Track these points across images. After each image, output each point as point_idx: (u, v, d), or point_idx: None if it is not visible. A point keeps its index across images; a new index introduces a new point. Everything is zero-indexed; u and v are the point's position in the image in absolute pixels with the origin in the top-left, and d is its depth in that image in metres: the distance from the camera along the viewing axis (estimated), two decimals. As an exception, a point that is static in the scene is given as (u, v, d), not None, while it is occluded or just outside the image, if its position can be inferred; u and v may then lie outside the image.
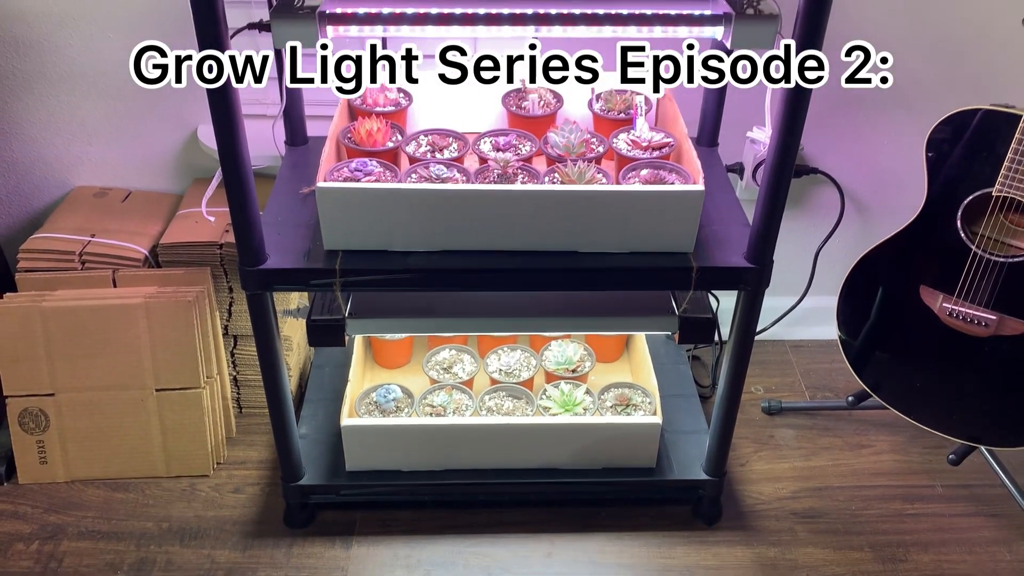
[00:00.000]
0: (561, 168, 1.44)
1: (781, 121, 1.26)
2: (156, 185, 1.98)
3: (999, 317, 1.59)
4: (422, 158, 1.49)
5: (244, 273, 1.38)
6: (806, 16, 1.16)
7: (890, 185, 2.01)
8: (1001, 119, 1.50)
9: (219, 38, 1.15)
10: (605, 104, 1.63)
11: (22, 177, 1.95)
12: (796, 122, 1.26)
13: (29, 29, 1.76)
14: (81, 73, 1.82)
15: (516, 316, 1.53)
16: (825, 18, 1.16)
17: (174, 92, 1.85)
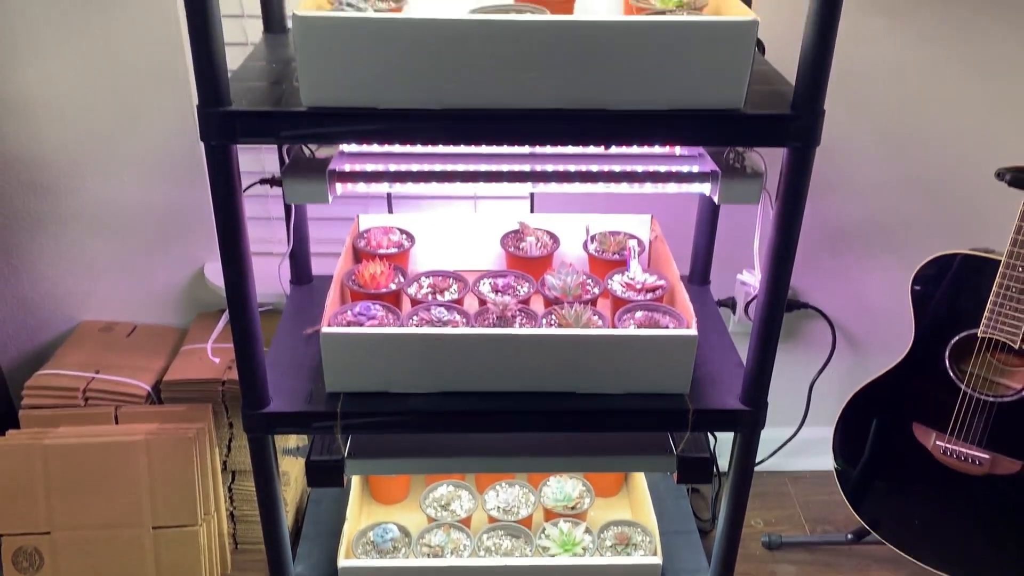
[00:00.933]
0: (558, 311, 1.48)
1: (770, 270, 1.31)
2: (161, 319, 2.02)
3: (992, 456, 1.61)
4: (423, 300, 1.53)
5: (247, 416, 1.40)
6: (790, 170, 1.23)
7: (880, 320, 2.06)
8: (981, 263, 1.56)
9: (233, 193, 1.21)
10: (600, 245, 1.69)
11: (30, 312, 1.99)
12: (784, 269, 1.31)
13: (46, 172, 1.84)
14: (94, 213, 1.89)
15: (514, 456, 1.54)
16: (807, 178, 1.22)
17: (183, 230, 1.92)
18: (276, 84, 1.26)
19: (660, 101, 1.16)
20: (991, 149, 1.83)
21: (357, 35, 1.11)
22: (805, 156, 1.21)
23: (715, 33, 1.12)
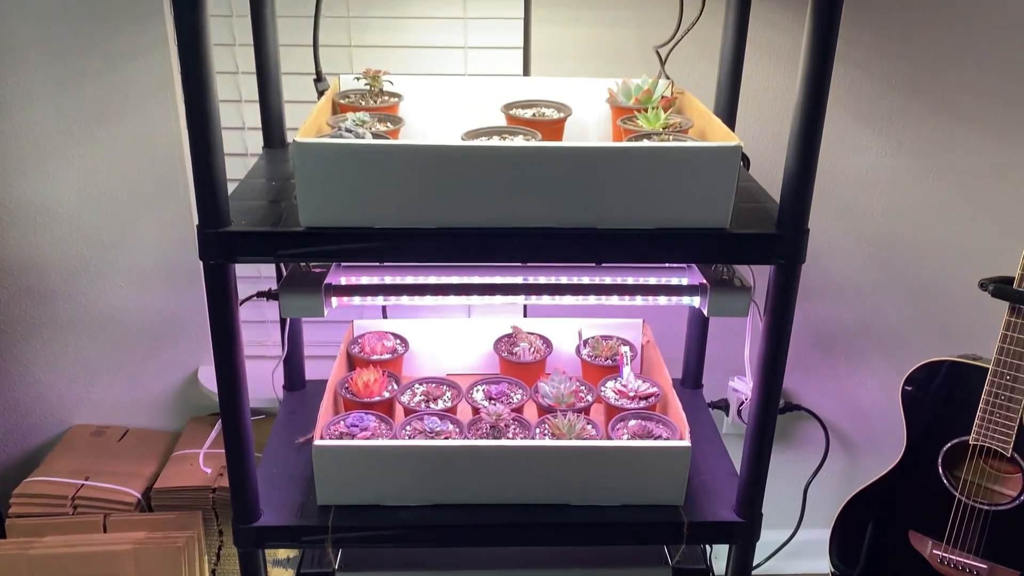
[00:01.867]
0: (551, 420, 1.48)
1: (760, 386, 1.32)
2: (153, 423, 2.02)
3: (990, 566, 1.59)
4: (417, 408, 1.54)
5: (237, 531, 1.39)
6: (777, 286, 1.25)
7: (874, 421, 2.06)
8: (970, 371, 1.57)
9: (230, 309, 1.23)
10: (592, 350, 1.71)
11: (21, 417, 1.98)
12: (775, 382, 1.32)
13: (45, 279, 1.86)
14: (90, 318, 1.90)
15: (508, 568, 1.52)
16: (794, 294, 1.25)
17: (178, 333, 1.93)
18: (275, 203, 1.29)
19: (649, 220, 1.20)
20: (975, 255, 1.87)
21: (354, 161, 1.14)
22: (791, 273, 1.24)
23: (701, 158, 1.16)
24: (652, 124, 1.35)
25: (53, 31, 1.67)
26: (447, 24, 1.75)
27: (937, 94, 1.77)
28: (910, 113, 1.79)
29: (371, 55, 1.75)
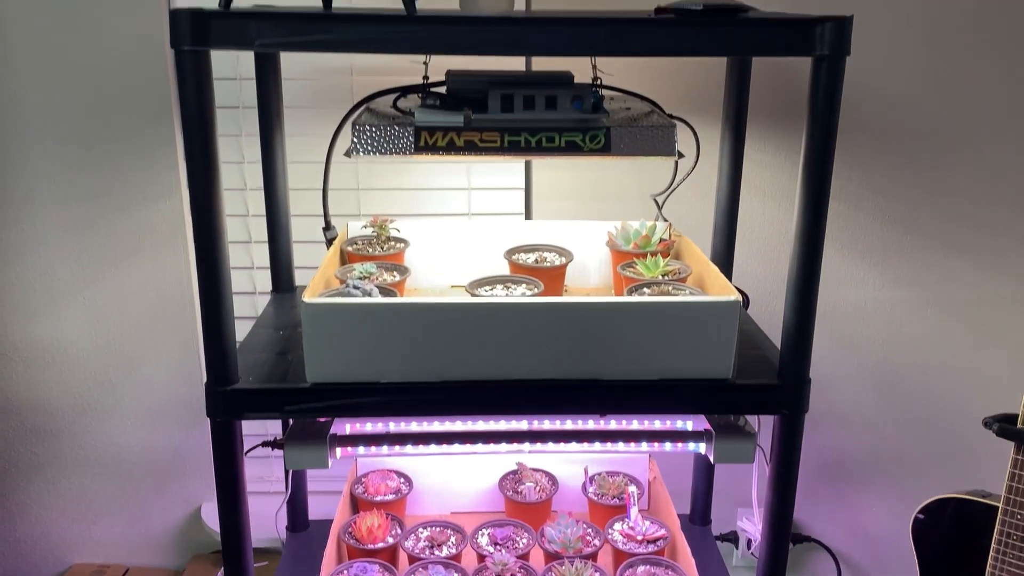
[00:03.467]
0: (558, 568, 1.46)
1: (768, 529, 1.31)
2: (155, 561, 1.98)
3: None
4: (421, 556, 1.52)
5: None
6: (781, 434, 1.26)
7: (885, 552, 2.02)
8: (979, 509, 1.56)
9: (235, 462, 1.23)
10: (599, 489, 1.69)
11: (22, 557, 1.95)
12: (783, 527, 1.31)
13: (51, 418, 1.87)
14: (94, 457, 1.90)
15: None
16: (798, 441, 1.25)
17: (181, 470, 1.92)
18: (282, 355, 1.31)
19: (652, 372, 1.21)
20: (979, 386, 1.88)
21: (360, 319, 1.17)
22: (795, 423, 1.24)
23: (701, 312, 1.19)
24: (651, 272, 1.38)
25: (70, 179, 1.73)
26: (452, 166, 1.81)
27: (929, 227, 1.81)
28: (904, 246, 1.82)
29: (378, 196, 1.81)
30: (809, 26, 1.07)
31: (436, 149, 1.20)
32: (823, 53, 1.08)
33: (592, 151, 1.21)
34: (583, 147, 1.21)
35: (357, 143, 1.21)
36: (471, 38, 1.07)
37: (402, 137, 1.21)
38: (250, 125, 1.70)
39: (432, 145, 1.20)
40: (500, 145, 1.20)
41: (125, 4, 1.64)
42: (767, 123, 1.77)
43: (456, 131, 1.20)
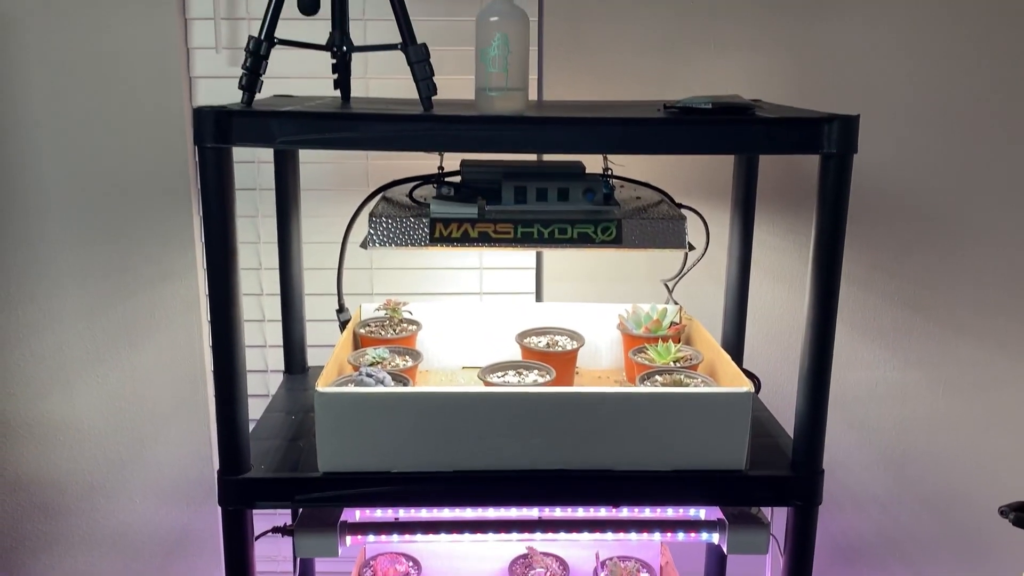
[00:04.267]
0: (569, 657, 1.44)
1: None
2: (158, 641, 1.96)
3: None
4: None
5: None
6: (795, 528, 1.25)
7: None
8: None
9: (246, 549, 1.22)
10: (610, 574, 1.67)
11: (24, 637, 1.93)
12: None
13: (60, 496, 1.86)
14: (103, 534, 1.88)
15: None
16: (812, 535, 1.24)
17: (190, 548, 1.91)
18: (294, 441, 1.32)
19: (665, 463, 1.21)
20: (993, 469, 1.86)
21: (373, 408, 1.18)
22: (808, 513, 1.23)
23: (713, 404, 1.19)
24: (663, 358, 1.39)
25: (87, 256, 1.75)
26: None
27: (939, 310, 1.82)
28: (915, 328, 1.83)
29: (391, 275, 1.82)
30: (817, 125, 1.10)
31: (451, 240, 1.22)
32: (831, 151, 1.10)
33: (604, 243, 1.22)
34: (595, 239, 1.23)
35: (373, 235, 1.24)
36: (487, 137, 1.10)
37: (417, 229, 1.23)
38: (267, 206, 1.73)
39: (447, 236, 1.22)
40: (513, 236, 1.22)
41: (147, 84, 1.69)
42: (776, 205, 1.79)
43: (470, 222, 1.22)
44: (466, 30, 1.56)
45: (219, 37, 1.68)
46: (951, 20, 1.71)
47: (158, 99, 1.70)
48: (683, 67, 1.72)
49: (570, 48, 1.71)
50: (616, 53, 1.71)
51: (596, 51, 1.71)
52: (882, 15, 1.71)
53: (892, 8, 1.70)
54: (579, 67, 1.71)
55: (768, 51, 1.72)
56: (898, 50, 1.72)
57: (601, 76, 1.71)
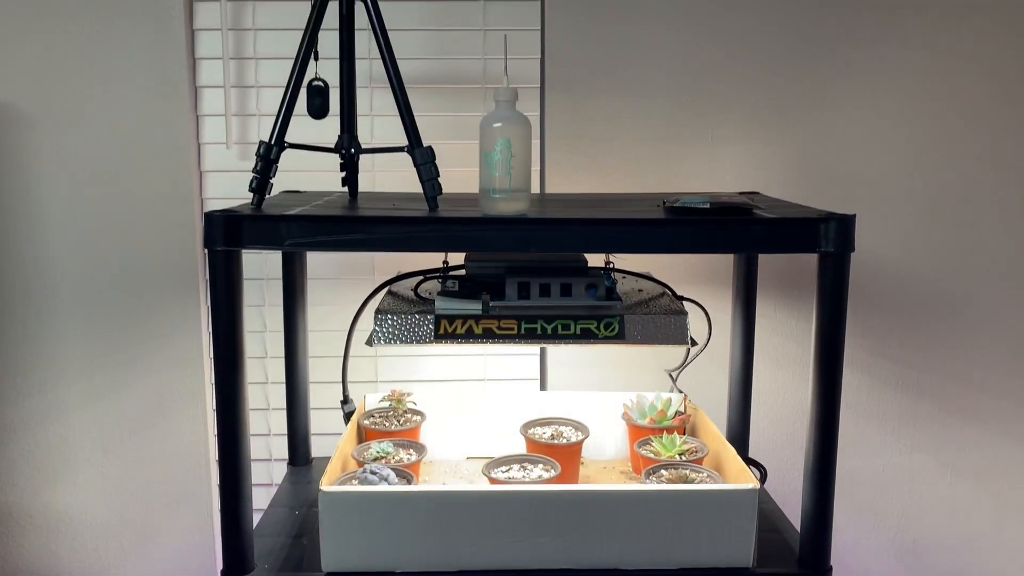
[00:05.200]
0: None
1: None
2: None
3: None
4: None
5: None
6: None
7: None
8: None
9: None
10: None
11: None
12: None
13: None
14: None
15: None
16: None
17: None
18: (297, 539, 1.31)
19: (672, 560, 1.20)
20: (1000, 556, 1.84)
21: (377, 508, 1.17)
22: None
23: (720, 501, 1.19)
24: (668, 451, 1.39)
25: (94, 345, 1.77)
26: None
27: (943, 394, 1.82)
28: (919, 413, 1.83)
29: (395, 362, 1.83)
30: (814, 225, 1.12)
31: (455, 337, 1.23)
32: (828, 250, 1.12)
33: (607, 339, 1.24)
34: (598, 335, 1.24)
35: (379, 332, 1.25)
36: (491, 238, 1.12)
37: (422, 325, 1.24)
38: (274, 295, 1.75)
39: (451, 333, 1.24)
40: (517, 332, 1.23)
41: (158, 177, 1.72)
42: (778, 290, 1.80)
43: (475, 319, 1.24)
44: (470, 124, 1.61)
45: (230, 133, 1.73)
46: (944, 107, 1.75)
47: (169, 192, 1.73)
48: (682, 158, 1.76)
49: (571, 141, 1.75)
50: (616, 144, 1.75)
51: (596, 143, 1.75)
52: (875, 106, 1.75)
53: (885, 99, 1.75)
54: (580, 159, 1.75)
55: (765, 143, 1.76)
56: (893, 138, 1.76)
57: (601, 167, 1.75)
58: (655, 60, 1.73)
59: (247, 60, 1.72)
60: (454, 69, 1.74)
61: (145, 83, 1.70)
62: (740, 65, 1.74)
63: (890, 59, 1.74)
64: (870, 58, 1.74)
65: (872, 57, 1.74)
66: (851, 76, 1.74)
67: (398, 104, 1.26)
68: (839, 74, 1.74)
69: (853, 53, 1.74)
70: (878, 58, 1.74)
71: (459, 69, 1.74)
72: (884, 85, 1.75)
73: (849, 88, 1.75)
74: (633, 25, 1.72)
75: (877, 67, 1.74)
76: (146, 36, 1.69)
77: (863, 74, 1.74)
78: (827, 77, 1.74)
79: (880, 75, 1.75)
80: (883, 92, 1.75)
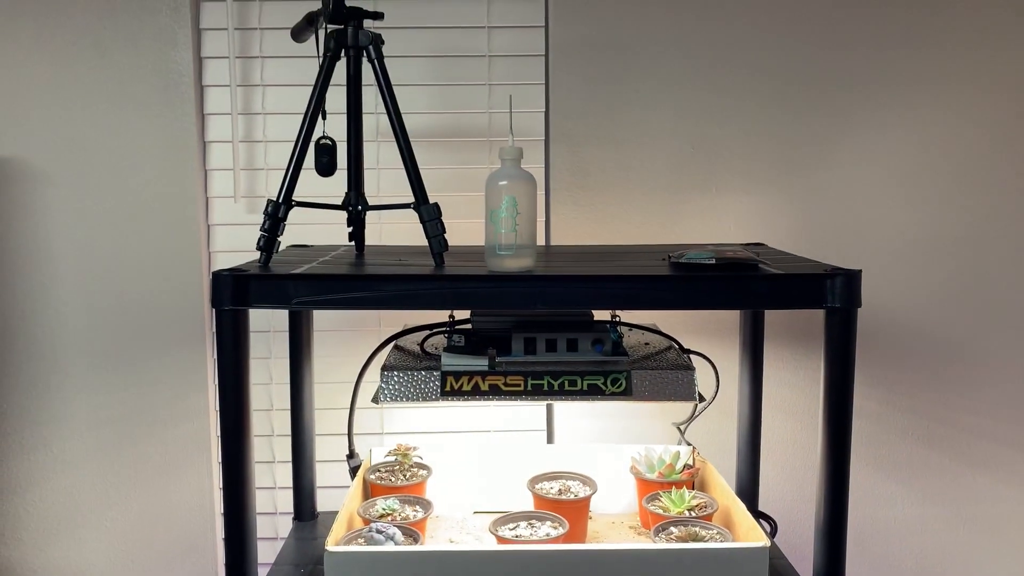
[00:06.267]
0: None
1: None
2: None
3: None
4: None
5: None
6: None
7: None
8: None
9: None
10: None
11: None
12: None
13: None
14: None
15: None
16: None
17: None
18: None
19: (681, 621, 1.18)
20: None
21: (383, 568, 1.16)
22: (833, 671, 1.19)
23: (729, 559, 1.17)
24: (677, 507, 1.37)
25: (100, 399, 1.77)
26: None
27: (953, 444, 1.81)
28: (931, 463, 1.81)
29: (401, 414, 1.82)
30: (820, 281, 1.12)
31: (461, 394, 1.23)
32: (834, 306, 1.12)
33: (614, 395, 1.23)
34: (605, 391, 1.24)
35: (385, 389, 1.25)
36: (498, 295, 1.12)
37: (428, 382, 1.24)
38: (280, 347, 1.75)
39: (458, 390, 1.23)
40: (524, 389, 1.23)
41: (166, 231, 1.74)
42: (785, 340, 1.80)
43: (481, 375, 1.24)
44: (476, 176, 1.63)
45: (237, 187, 1.74)
46: (950, 162, 1.76)
47: (177, 245, 1.74)
48: (685, 208, 1.76)
49: (575, 192, 1.76)
50: (619, 194, 1.76)
51: (600, 193, 1.76)
52: (877, 157, 1.76)
53: (886, 150, 1.76)
54: (584, 210, 1.76)
55: (768, 193, 1.77)
56: (896, 189, 1.77)
57: (605, 216, 1.76)
58: (657, 112, 1.75)
59: (255, 116, 1.74)
60: (460, 123, 1.76)
61: (154, 138, 1.72)
62: (742, 116, 1.75)
63: (891, 111, 1.75)
64: (872, 109, 1.75)
65: (874, 108, 1.75)
66: (853, 127, 1.76)
67: (405, 162, 1.27)
68: (841, 125, 1.76)
69: (855, 104, 1.75)
70: (880, 109, 1.75)
71: (464, 123, 1.76)
72: (885, 137, 1.76)
73: (851, 139, 1.76)
74: (635, 79, 1.74)
75: (879, 119, 1.76)
76: (156, 93, 1.71)
77: (865, 125, 1.76)
78: (829, 128, 1.76)
79: (881, 127, 1.76)
80: (885, 144, 1.76)
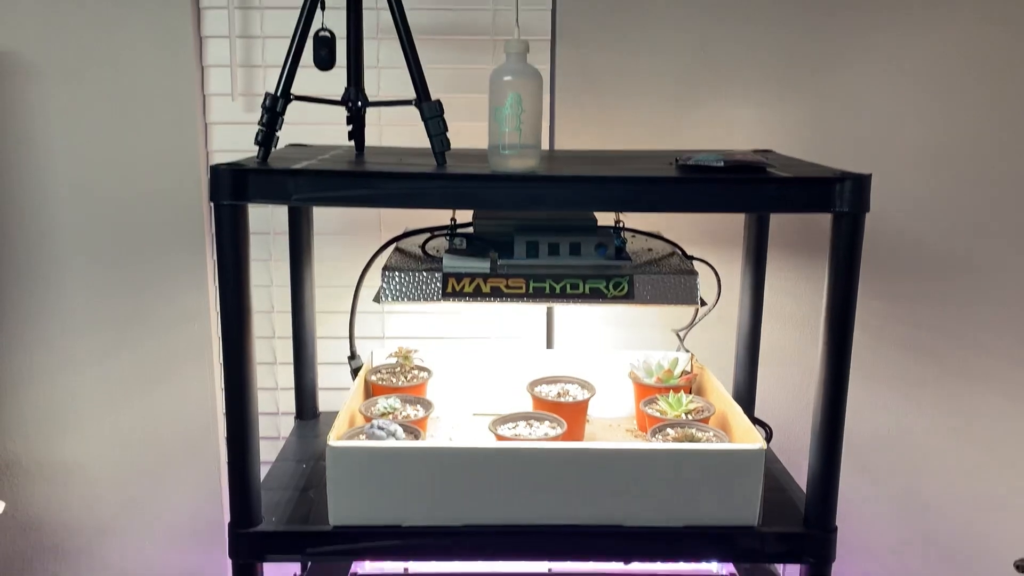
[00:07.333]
0: None
1: None
2: None
3: None
4: None
5: None
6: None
7: None
8: (1016, 655, 1.51)
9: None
10: (620, 622, 1.66)
11: None
12: None
13: (71, 538, 1.86)
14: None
15: None
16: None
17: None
18: (304, 492, 1.32)
19: (676, 519, 1.20)
20: (1007, 520, 1.84)
21: (384, 463, 1.18)
22: (822, 571, 1.22)
23: (725, 461, 1.19)
24: (675, 410, 1.39)
25: (101, 299, 1.77)
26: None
27: (953, 358, 1.81)
28: (928, 377, 1.82)
29: (402, 318, 1.83)
30: (828, 185, 1.10)
31: (463, 295, 1.22)
32: (842, 210, 1.10)
33: (616, 298, 1.23)
34: (607, 294, 1.23)
35: (386, 289, 1.24)
36: (500, 195, 1.11)
37: (430, 283, 1.23)
38: (280, 249, 1.74)
39: (459, 291, 1.23)
40: (525, 291, 1.22)
41: (164, 130, 1.70)
42: (789, 250, 1.79)
43: (483, 277, 1.23)
44: (479, 77, 1.58)
45: (235, 84, 1.70)
46: (965, 66, 1.72)
47: (174, 145, 1.72)
48: (694, 115, 1.73)
49: (581, 96, 1.72)
50: (627, 100, 1.72)
51: (607, 99, 1.72)
52: (891, 64, 1.72)
53: (904, 55, 1.71)
54: (590, 115, 1.72)
55: (778, 101, 1.73)
56: (912, 97, 1.73)
57: (612, 123, 1.73)
58: (668, 15, 1.69)
59: (252, 10, 1.68)
60: (463, 20, 1.70)
61: (149, 33, 1.67)
62: (754, 22, 1.70)
63: (907, 17, 1.70)
64: (886, 15, 1.70)
65: (888, 14, 1.70)
66: (866, 33, 1.70)
67: (406, 57, 1.24)
68: (854, 31, 1.70)
69: (870, 9, 1.70)
70: (894, 15, 1.70)
71: (468, 20, 1.70)
72: (900, 44, 1.71)
73: (864, 46, 1.71)
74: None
75: (893, 25, 1.70)
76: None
77: (879, 31, 1.70)
78: (842, 35, 1.70)
79: (896, 33, 1.71)
80: (899, 50, 1.71)
